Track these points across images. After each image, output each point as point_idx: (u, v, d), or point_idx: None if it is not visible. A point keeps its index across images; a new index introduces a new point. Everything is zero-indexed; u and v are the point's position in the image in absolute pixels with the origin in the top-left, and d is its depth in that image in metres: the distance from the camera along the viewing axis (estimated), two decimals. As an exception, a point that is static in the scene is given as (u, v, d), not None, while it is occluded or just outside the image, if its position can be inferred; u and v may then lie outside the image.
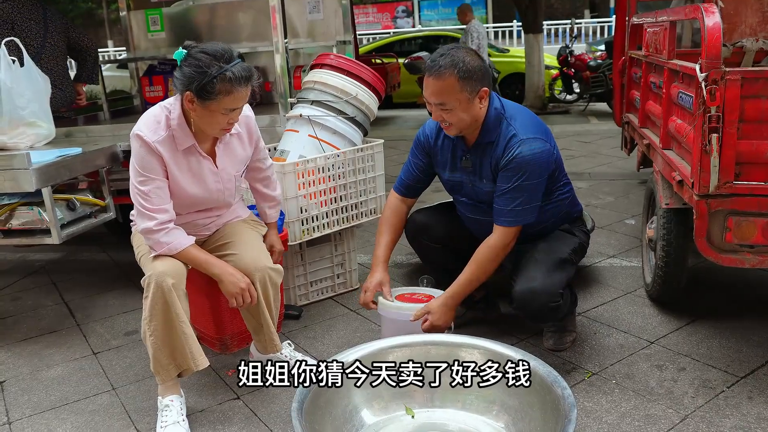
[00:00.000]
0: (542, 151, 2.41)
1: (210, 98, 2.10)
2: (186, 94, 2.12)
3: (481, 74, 2.37)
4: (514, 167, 2.40)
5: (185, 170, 2.28)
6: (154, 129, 2.19)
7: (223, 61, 2.10)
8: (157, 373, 2.30)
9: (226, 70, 2.08)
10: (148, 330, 2.23)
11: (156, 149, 2.18)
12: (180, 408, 2.30)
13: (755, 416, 2.22)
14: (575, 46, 10.07)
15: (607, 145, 6.80)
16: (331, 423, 2.04)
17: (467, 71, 2.32)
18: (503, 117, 2.47)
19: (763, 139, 2.23)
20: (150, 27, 4.57)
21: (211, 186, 2.37)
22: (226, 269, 2.29)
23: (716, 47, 2.21)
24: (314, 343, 2.92)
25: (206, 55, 2.09)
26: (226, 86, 2.10)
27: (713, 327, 2.85)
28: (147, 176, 2.19)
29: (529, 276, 2.44)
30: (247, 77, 2.14)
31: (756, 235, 2.32)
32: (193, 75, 2.09)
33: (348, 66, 3.22)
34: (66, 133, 3.71)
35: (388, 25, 23.25)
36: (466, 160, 2.58)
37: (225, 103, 2.13)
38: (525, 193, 2.42)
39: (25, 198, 2.95)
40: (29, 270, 4.20)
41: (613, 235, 4.12)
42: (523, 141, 2.40)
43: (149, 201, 2.20)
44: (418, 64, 9.87)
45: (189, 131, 2.23)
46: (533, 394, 2.00)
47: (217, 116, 2.16)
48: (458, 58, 2.33)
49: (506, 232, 2.47)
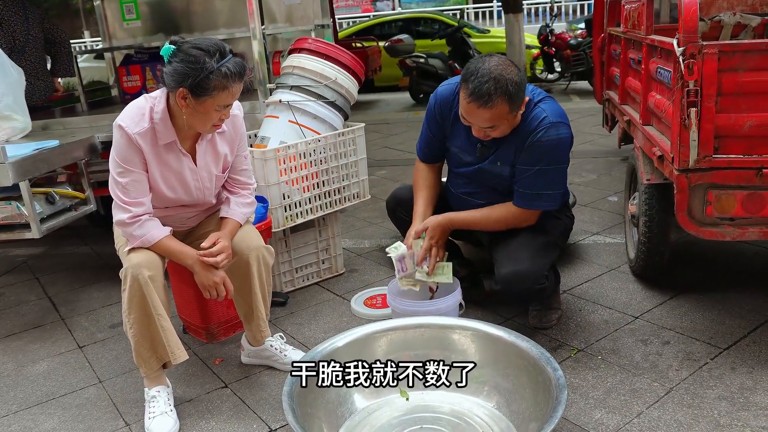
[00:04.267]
0: (568, 137, 2.45)
1: (205, 94, 2.07)
2: (179, 90, 2.07)
3: (524, 85, 2.33)
4: (541, 148, 2.40)
5: (164, 166, 2.24)
6: (136, 121, 2.16)
7: (217, 56, 2.06)
8: (140, 365, 2.29)
9: (222, 66, 2.05)
10: (128, 323, 2.22)
11: (136, 141, 2.14)
12: (167, 398, 2.30)
13: (738, 386, 2.25)
14: (555, 25, 10.07)
15: (589, 123, 6.82)
16: (324, 406, 2.04)
17: (516, 92, 2.27)
18: (532, 101, 2.45)
19: (741, 112, 2.24)
20: (125, 16, 4.49)
21: (190, 184, 2.32)
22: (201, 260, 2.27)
23: (693, 21, 2.21)
24: (301, 329, 2.92)
25: (199, 50, 2.05)
26: (222, 82, 2.06)
27: (696, 300, 2.88)
28: (125, 168, 2.16)
29: (515, 258, 2.45)
30: (242, 72, 2.11)
31: (736, 208, 2.33)
32: (186, 71, 2.04)
33: (326, 50, 3.19)
34: (43, 126, 3.66)
35: (368, 9, 23.08)
36: (482, 148, 2.55)
37: (220, 99, 2.10)
38: (547, 178, 2.45)
39: (2, 193, 2.91)
40: (11, 265, 4.15)
41: (596, 213, 4.14)
42: (552, 124, 2.41)
43: (126, 193, 2.17)
44: (398, 46, 9.84)
45: (171, 126, 2.20)
46: (525, 375, 2.02)
47: (211, 113, 2.13)
48: (504, 79, 2.24)
49: (524, 212, 2.51)
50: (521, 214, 2.52)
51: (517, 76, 2.28)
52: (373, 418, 2.10)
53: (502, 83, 2.24)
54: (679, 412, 2.14)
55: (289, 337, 2.81)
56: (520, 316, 2.84)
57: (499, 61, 2.30)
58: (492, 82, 2.23)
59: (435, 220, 2.57)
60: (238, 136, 2.41)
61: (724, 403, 2.17)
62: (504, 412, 2.06)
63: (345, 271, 3.51)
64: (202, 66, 2.03)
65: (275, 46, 4.23)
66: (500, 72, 2.25)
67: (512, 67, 2.30)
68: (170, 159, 2.24)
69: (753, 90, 2.22)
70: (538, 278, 2.44)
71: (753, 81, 2.21)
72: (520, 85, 2.29)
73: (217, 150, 2.34)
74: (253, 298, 2.44)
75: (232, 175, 2.46)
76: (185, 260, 2.27)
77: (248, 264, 2.38)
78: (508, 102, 2.27)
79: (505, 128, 2.40)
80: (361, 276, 3.46)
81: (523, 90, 2.33)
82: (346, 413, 2.10)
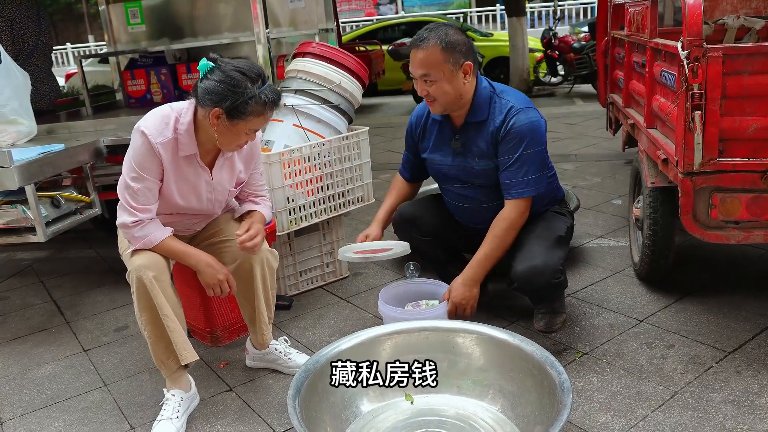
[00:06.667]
0: (539, 120, 2.51)
1: (240, 118, 2.08)
2: (214, 110, 2.07)
3: (465, 48, 2.43)
4: (515, 135, 2.46)
5: (181, 176, 2.24)
6: (160, 130, 2.15)
7: (258, 82, 2.07)
8: (159, 367, 2.30)
9: (261, 92, 2.07)
10: (141, 324, 2.23)
11: (158, 150, 2.14)
12: (177, 404, 2.27)
13: (744, 390, 2.25)
14: (559, 28, 10.07)
15: (592, 126, 6.81)
16: (329, 409, 2.04)
17: (450, 43, 2.39)
18: (494, 94, 2.55)
19: (745, 115, 2.24)
20: (130, 20, 4.51)
21: (203, 196, 2.34)
22: (204, 259, 2.27)
23: (697, 25, 2.21)
24: (306, 333, 2.92)
25: (241, 74, 2.05)
26: (259, 108, 2.08)
27: (701, 304, 2.88)
28: (140, 174, 2.15)
29: (530, 254, 2.48)
30: (278, 100, 2.14)
31: (741, 211, 2.33)
32: (226, 93, 2.04)
33: (330, 54, 3.20)
34: (48, 130, 3.67)
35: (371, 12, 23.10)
36: (455, 141, 2.60)
37: (253, 124, 2.12)
38: (531, 162, 2.48)
39: (8, 196, 2.92)
40: (16, 269, 4.17)
41: (601, 216, 4.14)
42: (520, 110, 2.48)
43: (135, 199, 2.16)
44: (402, 50, 9.84)
45: (195, 140, 2.20)
46: (530, 379, 2.01)
47: (241, 135, 2.15)
48: (441, 31, 2.41)
49: (519, 203, 2.52)
50: (518, 207, 2.52)
51: (458, 36, 2.42)
52: (378, 422, 2.10)
53: (439, 33, 2.40)
54: (685, 416, 2.14)
55: (294, 341, 2.82)
56: (524, 320, 2.84)
57: (449, 26, 2.47)
58: (430, 31, 2.43)
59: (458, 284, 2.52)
60: (255, 155, 2.43)
61: (730, 407, 2.16)
62: (509, 415, 2.06)
63: (349, 275, 3.52)
64: (243, 91, 2.04)
65: (279, 50, 4.24)
66: (442, 28, 2.44)
67: (459, 32, 2.44)
68: (188, 170, 2.25)
69: (757, 93, 2.22)
70: (554, 272, 2.48)
71: (757, 84, 2.21)
72: (457, 42, 2.41)
73: (233, 166, 2.36)
74: (256, 302, 2.45)
75: (250, 191, 2.50)
76: (188, 260, 2.27)
77: (252, 268, 2.39)
78: (441, 48, 2.38)
79: (446, 87, 2.44)
80: (365, 279, 3.47)
81: (463, 50, 2.42)
82: (350, 416, 2.10)
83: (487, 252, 2.52)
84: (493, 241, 2.52)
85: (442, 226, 2.80)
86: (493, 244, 2.52)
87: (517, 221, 2.53)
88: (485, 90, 2.54)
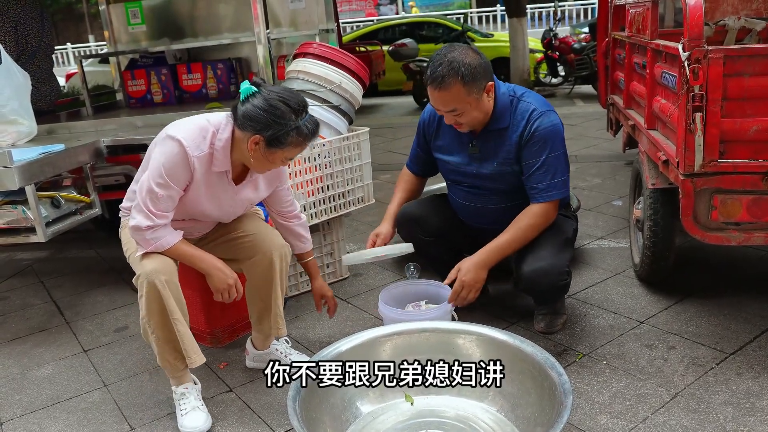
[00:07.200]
0: (559, 123, 2.52)
1: (279, 147, 2.09)
2: (254, 137, 2.07)
3: (483, 70, 2.38)
4: (539, 139, 2.46)
5: (209, 189, 2.24)
6: (197, 143, 2.13)
7: (301, 114, 2.09)
8: (165, 368, 2.30)
9: (303, 125, 2.08)
10: (149, 328, 2.22)
11: (193, 163, 2.13)
12: (197, 394, 2.32)
13: (744, 391, 2.25)
14: (559, 29, 10.06)
15: (593, 127, 6.82)
16: (329, 411, 2.04)
17: (470, 74, 2.33)
18: (515, 97, 2.52)
19: (746, 116, 2.24)
20: (130, 20, 4.51)
21: (226, 207, 2.36)
22: (214, 264, 2.27)
23: (698, 26, 2.21)
24: (305, 334, 2.92)
25: (285, 104, 2.06)
26: (299, 140, 2.10)
27: (701, 305, 2.87)
28: (167, 182, 2.12)
29: (538, 255, 2.48)
30: (317, 131, 2.15)
31: (741, 213, 2.33)
32: (269, 122, 2.05)
33: (331, 54, 3.20)
34: (48, 130, 3.67)
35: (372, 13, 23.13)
36: (473, 147, 2.59)
37: (290, 153, 2.14)
38: (557, 165, 2.48)
39: (8, 196, 2.92)
40: (16, 269, 4.16)
41: (601, 217, 4.14)
42: (542, 113, 2.48)
43: (156, 204, 2.13)
44: (402, 51, 9.85)
45: (230, 158, 2.20)
46: (530, 380, 2.01)
47: (276, 162, 2.18)
48: (457, 62, 2.32)
49: (548, 207, 2.51)
50: (545, 210, 2.51)
51: (473, 60, 2.35)
52: (378, 423, 2.10)
53: (455, 65, 2.31)
54: (685, 418, 2.13)
55: (294, 342, 2.81)
56: (525, 321, 2.83)
57: (457, 48, 2.39)
58: (446, 66, 2.32)
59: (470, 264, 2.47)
60: (280, 176, 2.46)
61: (730, 409, 2.16)
62: (509, 416, 2.06)
63: (349, 276, 3.52)
64: (286, 122, 2.06)
65: (280, 51, 4.24)
66: (454, 56, 2.34)
67: (470, 52, 2.38)
68: (217, 184, 2.25)
69: (758, 94, 2.22)
70: (561, 273, 2.48)
71: (758, 85, 2.21)
72: (476, 68, 2.35)
73: (257, 185, 2.39)
74: (273, 295, 2.47)
75: (281, 209, 2.53)
76: (199, 264, 2.26)
77: (272, 261, 2.41)
78: (462, 83, 2.33)
79: (474, 113, 2.43)
80: (365, 280, 3.46)
81: (483, 73, 2.38)
82: (350, 417, 2.10)
83: (506, 240, 2.49)
84: (515, 233, 2.49)
85: (447, 227, 2.80)
86: (515, 235, 2.49)
87: (543, 224, 2.51)
88: (504, 96, 2.51)
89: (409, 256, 2.70)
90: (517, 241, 2.50)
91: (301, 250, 2.64)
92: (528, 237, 2.51)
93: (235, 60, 4.30)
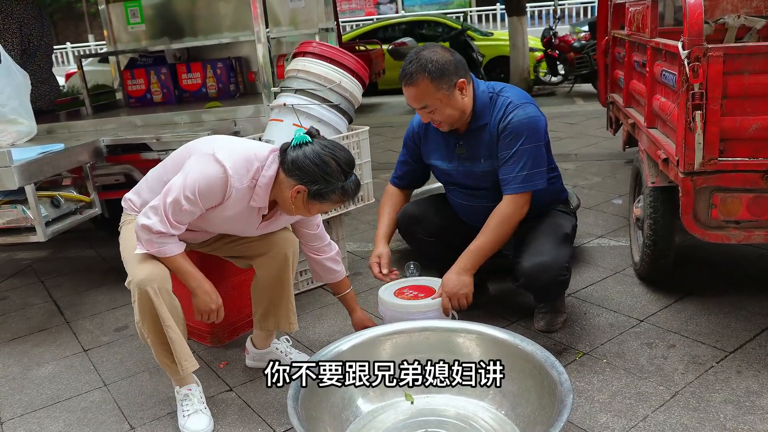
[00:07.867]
0: (537, 116, 2.50)
1: (320, 201, 2.11)
2: (299, 186, 2.08)
3: (453, 67, 2.40)
4: (512, 131, 2.46)
5: (237, 215, 2.23)
6: (242, 174, 2.12)
7: (349, 174, 2.11)
8: (164, 369, 2.30)
9: (348, 186, 2.10)
10: (144, 332, 2.21)
11: (230, 193, 2.12)
12: (200, 396, 2.32)
13: (744, 390, 2.25)
14: (559, 27, 10.06)
15: (593, 125, 6.81)
16: (329, 410, 2.04)
17: (437, 69, 2.37)
18: (493, 93, 2.54)
19: (746, 114, 2.24)
20: (130, 20, 4.51)
21: (240, 230, 2.37)
22: (203, 286, 2.24)
23: (698, 24, 2.21)
24: (306, 333, 2.92)
25: (336, 162, 2.06)
26: (341, 198, 2.12)
27: (701, 303, 2.87)
28: (197, 200, 2.10)
29: (538, 250, 2.48)
30: (358, 192, 2.18)
31: (741, 211, 2.33)
32: (317, 177, 2.05)
33: (330, 53, 3.19)
34: (48, 130, 3.67)
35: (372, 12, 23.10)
36: (460, 147, 2.60)
37: (328, 207, 2.17)
38: (528, 157, 2.46)
39: (8, 196, 2.92)
40: (16, 268, 4.17)
41: (601, 215, 4.13)
42: (518, 106, 2.48)
43: (177, 216, 2.12)
44: (402, 50, 9.84)
45: (268, 197, 2.20)
46: (531, 379, 2.01)
47: (312, 212, 2.19)
48: (425, 59, 2.37)
49: (515, 198, 2.49)
50: (515, 202, 2.49)
51: (441, 57, 2.39)
52: (378, 422, 2.10)
53: (422, 62, 2.36)
54: (685, 416, 2.13)
55: (294, 341, 2.81)
56: (525, 320, 2.83)
57: (428, 47, 2.43)
58: (414, 63, 2.38)
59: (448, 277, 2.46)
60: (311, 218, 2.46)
61: (730, 407, 2.16)
62: (509, 415, 2.06)
63: (349, 274, 3.51)
64: (334, 181, 2.07)
65: (279, 50, 4.24)
66: (423, 55, 2.39)
67: (440, 50, 2.41)
68: (247, 214, 2.24)
69: (758, 93, 2.22)
70: (561, 269, 2.46)
71: (758, 83, 2.21)
72: (444, 65, 2.38)
73: (283, 218, 2.39)
74: (286, 290, 2.49)
75: (312, 243, 2.52)
76: (189, 281, 2.23)
77: (287, 257, 2.42)
78: (430, 79, 2.36)
79: (447, 110, 2.45)
80: (365, 279, 3.46)
81: (453, 70, 2.40)
82: (351, 417, 2.10)
83: (479, 244, 2.49)
84: (485, 234, 2.49)
85: (447, 226, 2.80)
86: (486, 236, 2.49)
87: (513, 216, 2.49)
88: (484, 94, 2.53)
89: (408, 255, 2.70)
90: (493, 240, 2.49)
91: (332, 280, 2.60)
92: (503, 233, 2.50)
93: (234, 59, 4.30)
